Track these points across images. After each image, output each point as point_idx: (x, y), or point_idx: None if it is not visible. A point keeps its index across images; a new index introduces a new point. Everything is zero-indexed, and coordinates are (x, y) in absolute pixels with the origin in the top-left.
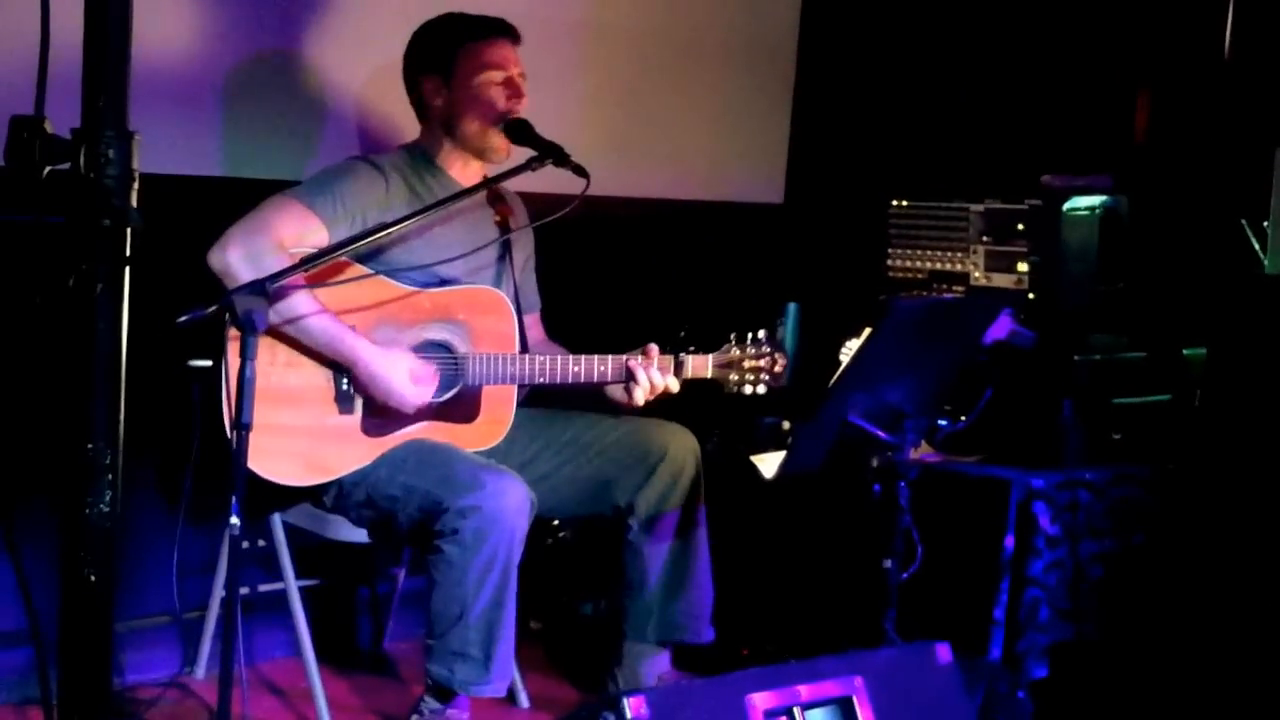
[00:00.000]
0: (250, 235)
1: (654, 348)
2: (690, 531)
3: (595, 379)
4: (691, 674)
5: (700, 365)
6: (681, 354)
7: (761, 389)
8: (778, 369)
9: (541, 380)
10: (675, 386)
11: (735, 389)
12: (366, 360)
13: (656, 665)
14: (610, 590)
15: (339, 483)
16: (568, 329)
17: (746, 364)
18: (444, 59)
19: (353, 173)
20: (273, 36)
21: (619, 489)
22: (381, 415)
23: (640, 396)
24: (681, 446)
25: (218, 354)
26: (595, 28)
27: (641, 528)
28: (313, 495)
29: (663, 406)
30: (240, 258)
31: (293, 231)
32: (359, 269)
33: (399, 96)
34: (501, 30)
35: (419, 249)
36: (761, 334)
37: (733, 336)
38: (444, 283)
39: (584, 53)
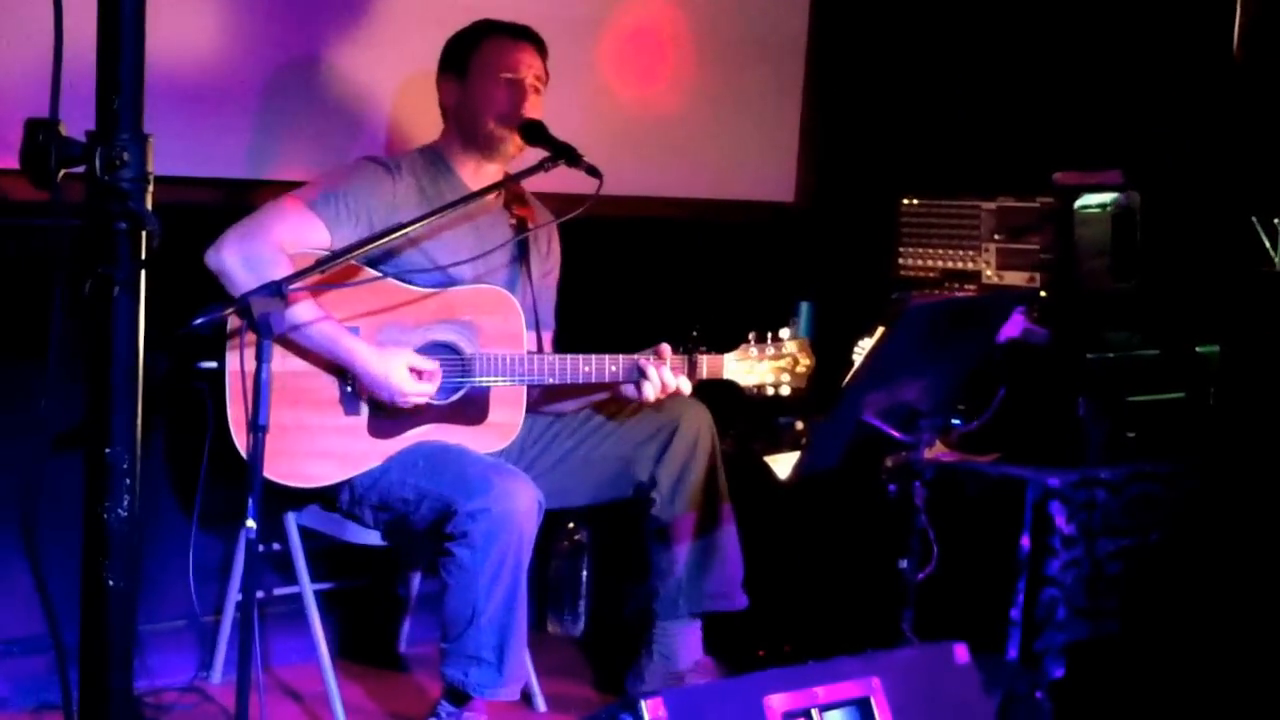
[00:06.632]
0: (247, 238)
1: (666, 347)
2: (714, 500)
3: (606, 378)
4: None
5: (715, 366)
6: (695, 354)
7: (785, 390)
8: (800, 369)
9: (551, 380)
10: (687, 388)
11: (756, 391)
12: (364, 361)
13: (690, 638)
14: (634, 581)
15: (351, 486)
16: (577, 328)
17: (766, 364)
18: (461, 59)
19: (358, 172)
20: (298, 39)
21: (638, 465)
22: (389, 416)
23: (651, 394)
24: (695, 417)
25: (220, 356)
26: (605, 25)
27: (665, 501)
28: (325, 497)
29: None
30: (236, 260)
31: (291, 233)
32: (366, 272)
33: (426, 103)
34: (522, 35)
35: (428, 251)
36: (784, 332)
37: (751, 336)
38: (451, 285)
39: (595, 50)
